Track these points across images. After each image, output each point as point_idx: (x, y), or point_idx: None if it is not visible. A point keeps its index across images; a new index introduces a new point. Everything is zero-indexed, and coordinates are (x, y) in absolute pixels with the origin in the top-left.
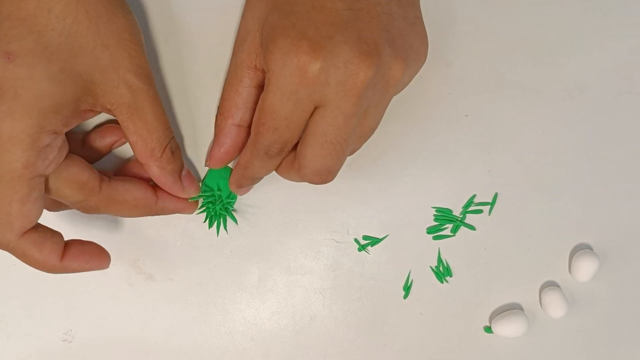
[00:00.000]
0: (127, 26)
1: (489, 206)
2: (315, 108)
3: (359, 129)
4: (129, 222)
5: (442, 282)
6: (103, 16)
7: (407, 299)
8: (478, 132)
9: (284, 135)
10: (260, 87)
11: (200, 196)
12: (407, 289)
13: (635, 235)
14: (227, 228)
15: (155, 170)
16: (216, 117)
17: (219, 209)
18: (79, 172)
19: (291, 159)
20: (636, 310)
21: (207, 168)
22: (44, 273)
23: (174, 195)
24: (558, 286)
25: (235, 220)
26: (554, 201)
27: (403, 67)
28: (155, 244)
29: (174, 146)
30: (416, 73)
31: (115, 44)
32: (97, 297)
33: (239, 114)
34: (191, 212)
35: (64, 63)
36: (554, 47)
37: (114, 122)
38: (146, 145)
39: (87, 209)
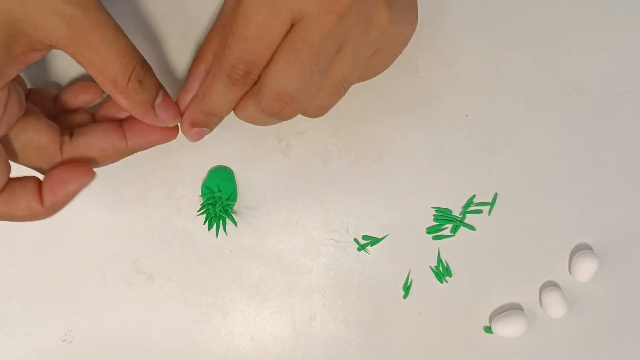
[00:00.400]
0: None
1: (489, 206)
2: (292, 26)
3: (331, 73)
4: (129, 222)
5: (442, 282)
6: None
7: (406, 298)
8: (478, 132)
9: (253, 51)
10: None
11: (202, 205)
12: (406, 288)
13: (635, 235)
14: (227, 228)
15: (124, 102)
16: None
17: (218, 211)
18: (36, 136)
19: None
20: (636, 310)
21: (208, 170)
22: (44, 272)
23: (146, 130)
24: (558, 286)
25: (235, 223)
26: (554, 201)
27: (388, 15)
28: (155, 244)
29: (142, 73)
30: (401, 41)
31: None
32: (97, 297)
33: (212, 59)
34: (172, 139)
35: None
36: (553, 47)
37: (88, 80)
38: (105, 77)
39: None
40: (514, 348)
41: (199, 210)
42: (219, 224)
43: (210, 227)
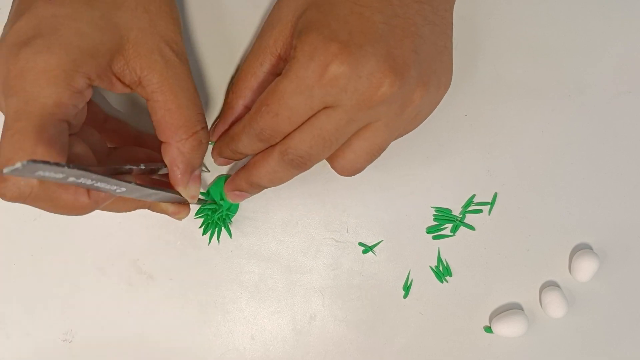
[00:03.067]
0: (168, 1)
1: (489, 206)
2: (323, 108)
3: (365, 144)
4: (129, 222)
5: (442, 282)
6: None
7: (406, 298)
8: (478, 132)
9: (281, 125)
10: (277, 75)
11: (201, 209)
12: (406, 288)
13: (635, 235)
14: (220, 237)
15: (174, 152)
16: (228, 93)
17: (216, 218)
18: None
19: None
20: (636, 310)
21: (213, 176)
22: (44, 272)
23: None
24: (558, 286)
25: (230, 233)
26: (554, 201)
27: (423, 93)
28: (155, 244)
29: (204, 137)
30: (434, 104)
31: (155, 11)
32: (97, 297)
33: (250, 96)
34: (180, 217)
35: (105, 12)
36: (553, 47)
37: None
38: (173, 122)
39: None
40: (514, 348)
41: (197, 213)
42: (214, 231)
43: (204, 232)
